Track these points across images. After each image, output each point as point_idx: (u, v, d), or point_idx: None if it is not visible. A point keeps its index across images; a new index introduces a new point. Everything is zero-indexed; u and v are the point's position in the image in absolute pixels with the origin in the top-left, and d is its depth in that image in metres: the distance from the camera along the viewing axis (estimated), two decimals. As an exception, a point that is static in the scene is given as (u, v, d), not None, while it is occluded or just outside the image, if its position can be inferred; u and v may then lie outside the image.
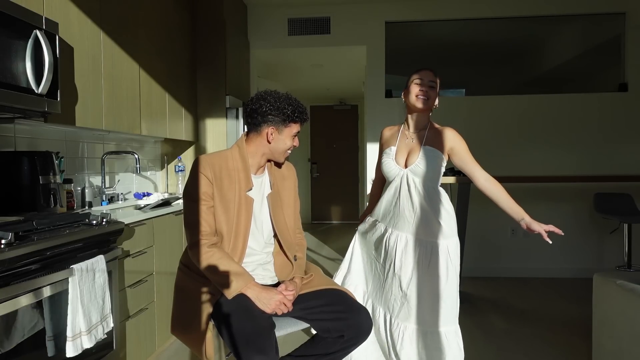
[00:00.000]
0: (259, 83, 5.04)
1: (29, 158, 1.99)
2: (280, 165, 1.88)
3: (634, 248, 4.06)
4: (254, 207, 1.73)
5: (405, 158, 2.02)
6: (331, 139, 8.13)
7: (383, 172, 2.09)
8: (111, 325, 1.92)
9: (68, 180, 2.46)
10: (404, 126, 2.10)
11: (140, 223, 2.38)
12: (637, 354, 1.92)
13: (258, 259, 1.77)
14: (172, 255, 2.78)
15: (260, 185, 1.80)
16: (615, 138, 4.35)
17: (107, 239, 2.00)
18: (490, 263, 4.44)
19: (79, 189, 2.70)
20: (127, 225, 2.20)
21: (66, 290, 1.70)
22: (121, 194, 3.08)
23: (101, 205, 2.79)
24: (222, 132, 3.83)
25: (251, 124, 1.74)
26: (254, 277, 1.66)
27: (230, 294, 1.58)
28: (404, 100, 2.07)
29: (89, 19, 2.34)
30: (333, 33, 4.59)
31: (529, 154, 4.41)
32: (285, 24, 4.59)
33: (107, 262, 1.92)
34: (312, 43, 4.61)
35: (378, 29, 4.55)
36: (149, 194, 3.17)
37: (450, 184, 3.54)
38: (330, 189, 8.19)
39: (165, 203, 2.81)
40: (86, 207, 2.65)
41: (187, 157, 3.82)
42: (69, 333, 1.69)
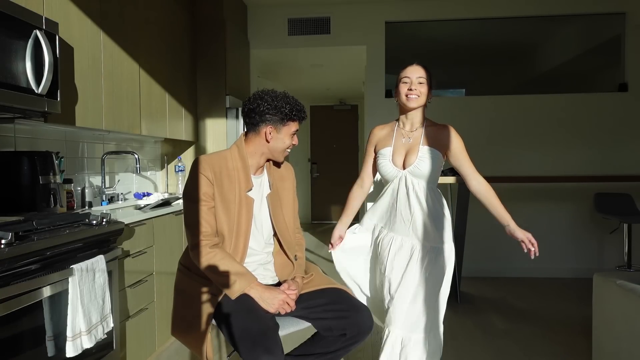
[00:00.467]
0: (259, 83, 5.04)
1: (29, 158, 1.98)
2: (279, 166, 1.88)
3: (634, 248, 4.06)
4: (254, 207, 1.73)
5: (403, 159, 1.94)
6: (331, 139, 8.13)
7: (380, 174, 2.01)
8: (111, 325, 1.92)
9: (68, 180, 2.46)
10: (398, 125, 2.01)
11: (140, 223, 2.38)
12: (637, 354, 1.92)
13: (258, 259, 1.77)
14: (172, 255, 2.78)
15: (260, 186, 1.80)
16: (615, 138, 4.35)
17: (107, 239, 2.00)
18: (490, 263, 4.44)
19: (79, 189, 2.70)
20: (127, 225, 2.20)
21: (66, 290, 1.70)
22: (121, 194, 3.08)
23: (101, 205, 2.79)
24: (222, 132, 3.83)
25: (249, 123, 1.74)
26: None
27: (233, 294, 1.58)
28: (396, 100, 2.00)
29: (89, 19, 2.34)
30: (333, 33, 4.59)
31: (529, 154, 4.41)
32: (285, 24, 4.59)
33: (107, 262, 1.92)
34: (312, 43, 4.62)
35: (378, 29, 4.55)
36: (149, 194, 3.17)
37: (450, 184, 3.54)
38: (330, 189, 8.18)
39: (165, 203, 2.81)
40: (86, 207, 2.65)
41: (187, 157, 3.82)
42: (69, 333, 1.69)
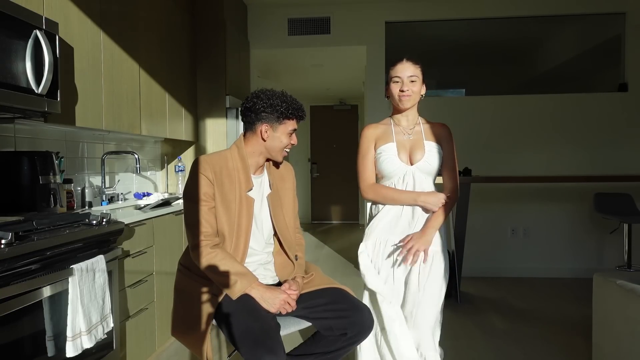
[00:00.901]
0: (259, 83, 5.04)
1: (29, 158, 1.98)
2: (278, 166, 1.88)
3: (634, 248, 4.06)
4: (254, 207, 1.73)
5: (408, 154, 1.88)
6: (331, 139, 8.13)
7: (382, 171, 1.90)
8: (111, 325, 1.92)
9: (68, 180, 2.46)
10: (394, 122, 1.95)
11: (140, 223, 2.38)
12: (637, 354, 1.92)
13: (259, 259, 1.77)
14: (172, 255, 2.78)
15: (260, 186, 1.80)
16: (615, 138, 4.35)
17: (107, 239, 2.00)
18: (490, 263, 4.44)
19: (79, 189, 2.70)
20: (127, 225, 2.20)
21: (66, 290, 1.70)
22: (121, 194, 3.08)
23: (101, 205, 2.79)
24: (222, 132, 3.83)
25: (246, 122, 1.74)
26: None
27: (234, 294, 1.58)
28: (387, 97, 1.94)
29: (89, 19, 2.34)
30: (333, 33, 4.59)
31: (529, 154, 4.41)
32: (285, 24, 4.59)
33: (107, 262, 1.92)
34: (312, 43, 4.62)
35: (378, 29, 4.55)
36: (149, 194, 3.17)
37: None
38: (330, 189, 8.19)
39: (165, 203, 2.81)
40: (86, 207, 2.65)
41: (187, 157, 3.82)
42: (69, 333, 1.69)
